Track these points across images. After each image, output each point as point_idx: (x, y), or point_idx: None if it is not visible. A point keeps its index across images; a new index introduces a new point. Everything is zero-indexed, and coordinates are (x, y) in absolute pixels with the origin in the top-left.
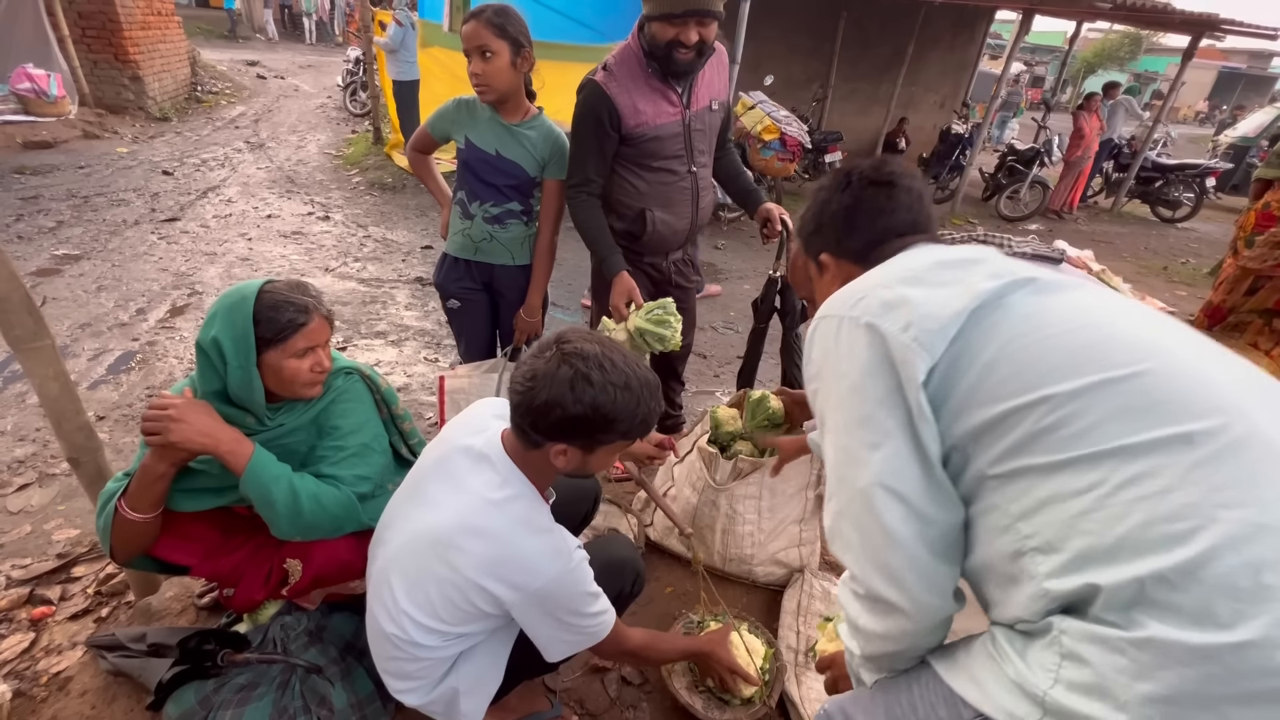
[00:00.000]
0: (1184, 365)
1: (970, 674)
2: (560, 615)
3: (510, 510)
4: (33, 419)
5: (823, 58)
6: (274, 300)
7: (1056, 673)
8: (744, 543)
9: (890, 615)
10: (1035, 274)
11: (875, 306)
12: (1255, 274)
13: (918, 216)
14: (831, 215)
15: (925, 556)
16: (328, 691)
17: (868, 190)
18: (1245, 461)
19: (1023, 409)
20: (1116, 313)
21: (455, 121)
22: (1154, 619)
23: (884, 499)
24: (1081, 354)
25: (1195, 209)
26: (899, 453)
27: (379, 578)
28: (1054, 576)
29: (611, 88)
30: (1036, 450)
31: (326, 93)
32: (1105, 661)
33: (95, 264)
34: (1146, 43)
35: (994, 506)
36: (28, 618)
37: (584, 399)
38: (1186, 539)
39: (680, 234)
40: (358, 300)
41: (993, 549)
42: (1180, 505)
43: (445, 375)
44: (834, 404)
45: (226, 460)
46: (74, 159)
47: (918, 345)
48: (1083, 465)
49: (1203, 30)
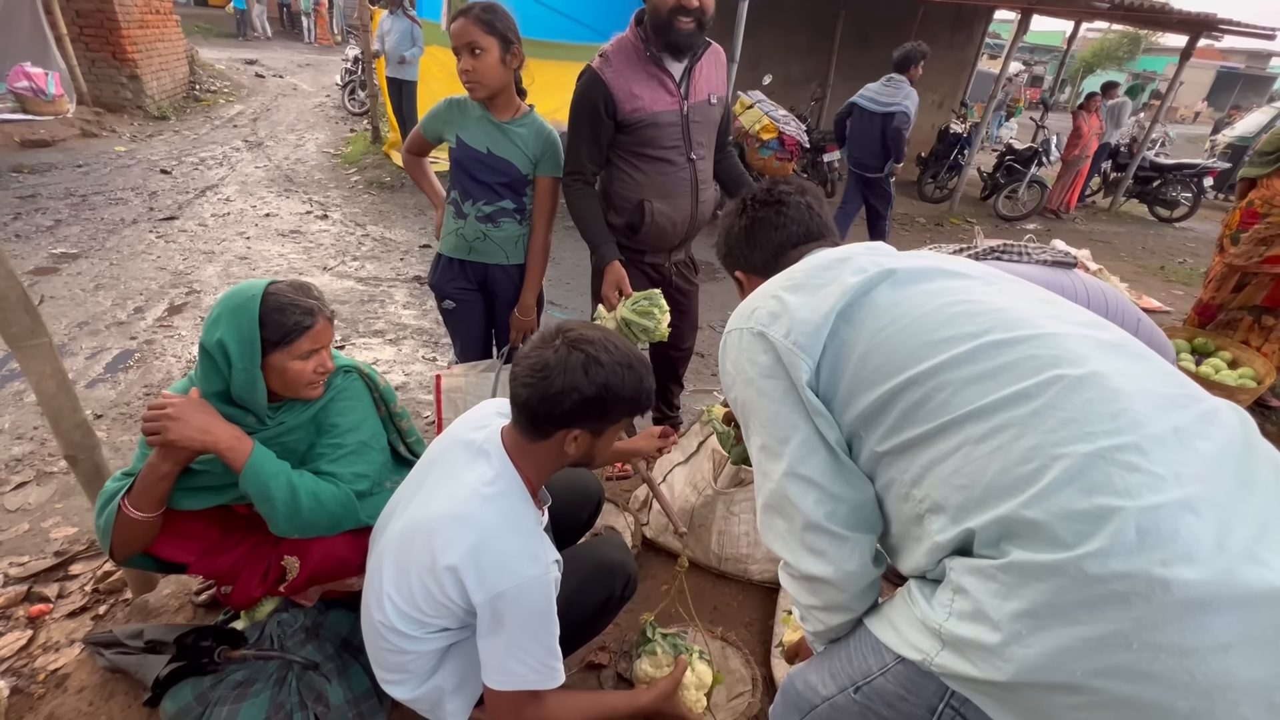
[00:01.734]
0: (1026, 327)
1: (889, 621)
2: (516, 633)
3: (497, 505)
4: (30, 417)
5: (821, 57)
6: (279, 303)
7: (950, 606)
8: (739, 543)
9: (822, 589)
10: (894, 265)
11: (764, 316)
12: (1241, 270)
13: (809, 226)
14: (735, 238)
15: (841, 531)
16: (324, 688)
17: (760, 211)
18: (1078, 403)
19: (894, 391)
20: (970, 290)
21: (446, 121)
22: (1015, 546)
23: (798, 486)
24: (935, 333)
25: (1193, 209)
26: (805, 442)
27: (374, 566)
28: (943, 531)
29: (607, 73)
30: (911, 424)
31: (325, 91)
32: (980, 588)
33: (93, 262)
34: (1145, 42)
35: (892, 481)
36: (25, 615)
37: (597, 380)
38: (1034, 477)
39: (680, 227)
40: (356, 299)
41: (900, 517)
42: (1026, 449)
43: (442, 374)
44: (748, 408)
45: (226, 458)
46: (72, 158)
47: (798, 349)
48: (949, 430)
49: (1201, 30)
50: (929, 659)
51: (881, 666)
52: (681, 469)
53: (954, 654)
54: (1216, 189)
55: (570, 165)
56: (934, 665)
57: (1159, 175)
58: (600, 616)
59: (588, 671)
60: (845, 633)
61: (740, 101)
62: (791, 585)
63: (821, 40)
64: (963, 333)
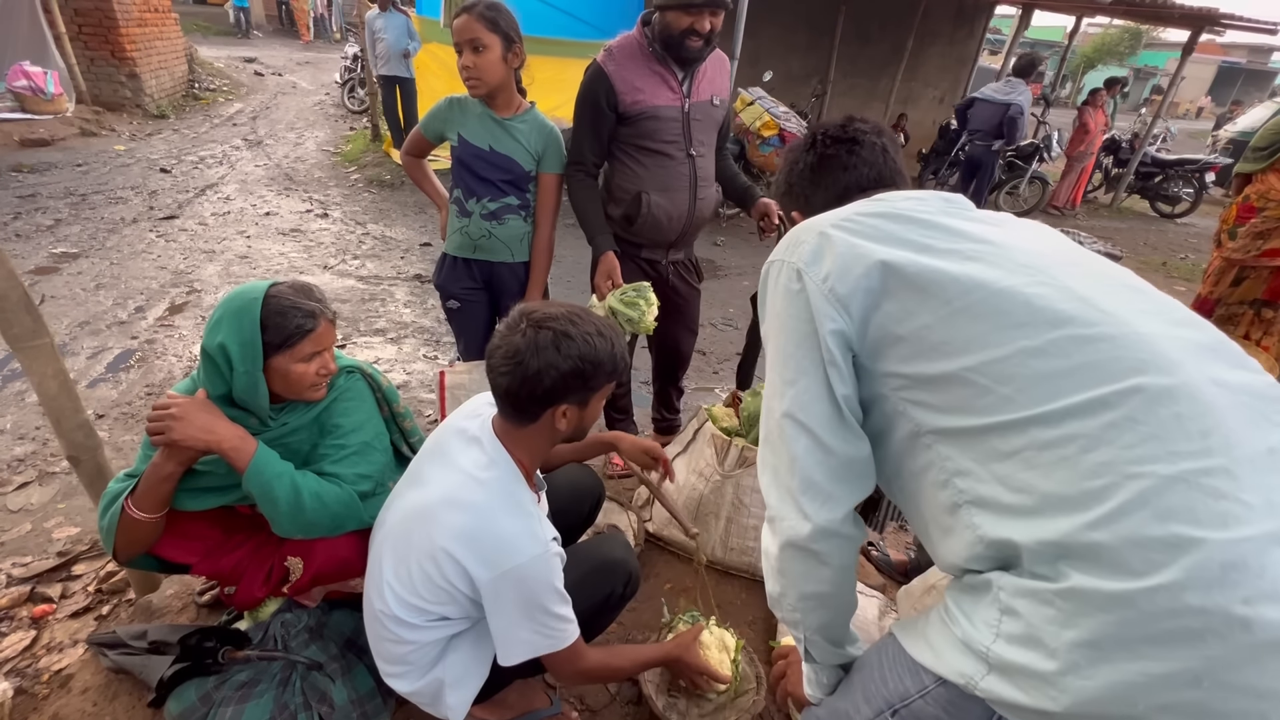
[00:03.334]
0: (1111, 322)
1: (926, 640)
2: (526, 608)
3: (493, 488)
4: (32, 417)
5: (822, 53)
6: (281, 305)
7: (997, 628)
8: (748, 534)
9: (778, 532)
10: (969, 229)
11: (807, 253)
12: (1239, 265)
13: (881, 170)
14: (799, 175)
15: (822, 480)
16: (328, 688)
17: (831, 148)
18: (1164, 417)
19: (953, 373)
20: (1053, 269)
21: (447, 120)
22: (1076, 570)
23: (792, 428)
24: (1007, 317)
25: (1195, 204)
26: (809, 389)
27: (375, 557)
28: (986, 529)
29: (609, 67)
30: (967, 413)
31: (324, 90)
32: (1036, 613)
33: (93, 262)
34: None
35: (930, 464)
36: (29, 616)
37: (571, 353)
38: (1103, 495)
39: (677, 221)
40: (357, 298)
41: (934, 502)
42: (1097, 464)
43: (445, 371)
44: (770, 339)
45: (229, 458)
46: (71, 157)
47: (833, 298)
48: (1011, 429)
49: (1202, 25)
50: (973, 683)
51: (920, 689)
52: (681, 459)
53: (1002, 679)
54: (1219, 184)
55: (573, 156)
56: (979, 690)
57: (1161, 171)
58: (601, 614)
59: None
60: (841, 651)
61: (741, 98)
62: (767, 534)
63: (822, 37)
64: (1039, 320)
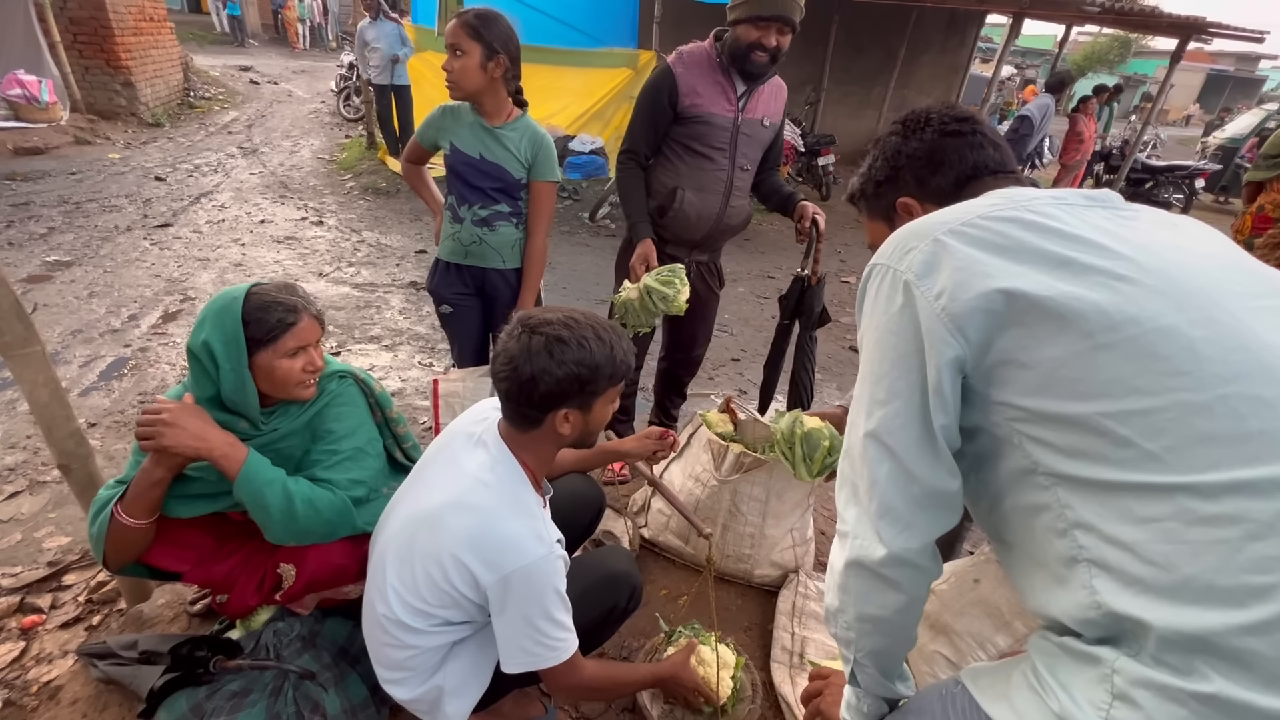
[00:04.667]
0: (1256, 383)
1: (1010, 703)
2: (529, 613)
3: (498, 491)
4: (23, 426)
5: (815, 61)
6: (262, 301)
7: (1107, 713)
8: (743, 542)
9: (846, 548)
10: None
11: (918, 263)
12: None
13: (1005, 155)
14: (910, 157)
15: (902, 508)
16: (321, 697)
17: (951, 124)
18: None
19: (1089, 416)
20: (1227, 302)
21: (441, 128)
22: (1220, 674)
23: (876, 450)
24: (1165, 362)
25: (1185, 210)
26: (900, 413)
27: (377, 562)
28: (1108, 597)
29: (678, 69)
30: (1102, 464)
31: (320, 98)
32: (1162, 711)
33: (87, 270)
34: (1135, 46)
35: (1046, 507)
36: (18, 626)
37: (566, 359)
38: (1265, 595)
39: (705, 221)
40: (352, 305)
41: (1048, 549)
42: (1262, 556)
43: (439, 378)
44: (865, 352)
45: (220, 464)
46: (65, 165)
47: (947, 318)
48: (1155, 493)
49: (1190, 33)
50: None
51: None
52: (676, 464)
53: None
54: (1208, 190)
55: (627, 144)
56: None
57: (1152, 177)
58: (604, 627)
59: None
60: (888, 685)
61: None
62: (837, 549)
63: (815, 46)
64: (1205, 372)
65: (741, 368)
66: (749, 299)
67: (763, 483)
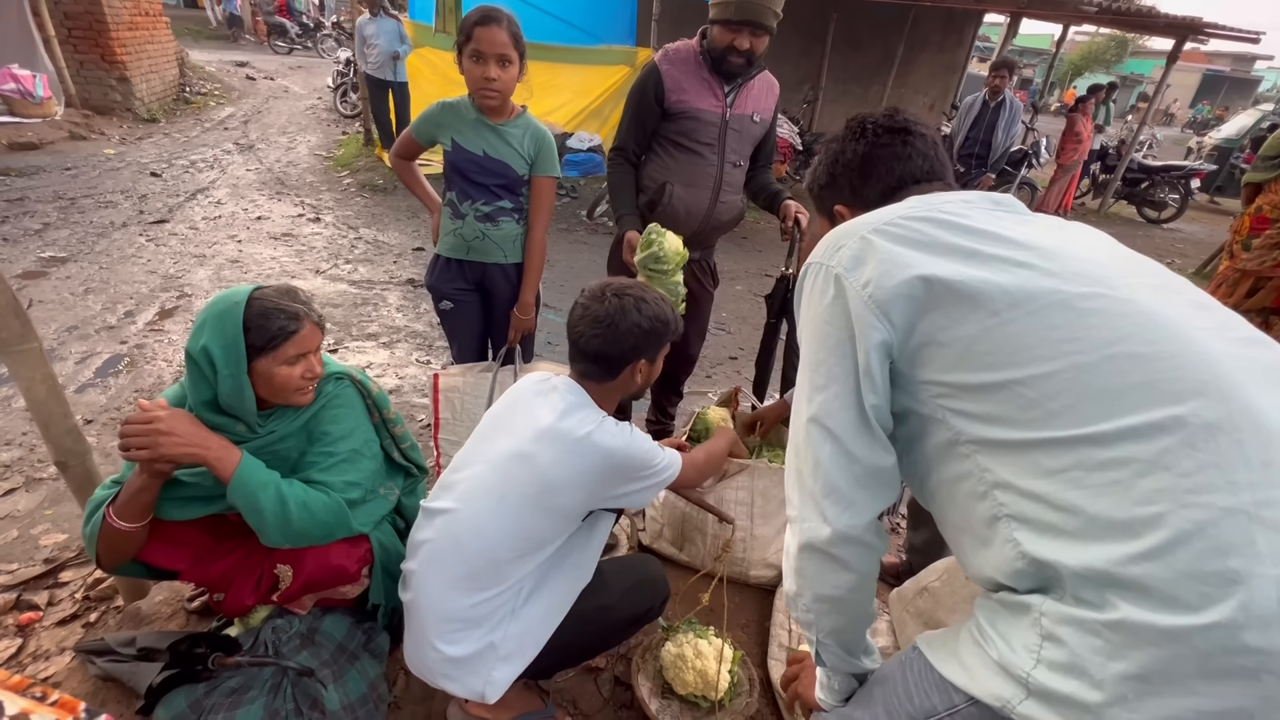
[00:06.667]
0: (1170, 340)
1: (958, 659)
2: (635, 477)
3: (575, 415)
4: (19, 423)
5: (813, 59)
6: (264, 308)
7: (1038, 653)
8: (735, 545)
9: (799, 533)
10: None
11: (847, 258)
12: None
13: (933, 164)
14: (845, 165)
15: (845, 487)
16: (320, 694)
17: (883, 137)
18: (1222, 444)
19: (1000, 384)
20: (1111, 280)
21: (441, 125)
22: (1126, 601)
23: (818, 433)
24: (1060, 330)
25: (1180, 210)
26: (838, 396)
27: (453, 516)
28: (1028, 546)
29: (664, 65)
30: (1013, 425)
31: (316, 94)
32: (1082, 643)
33: (82, 266)
34: (1132, 46)
35: (967, 474)
36: (15, 623)
37: (649, 313)
38: (1155, 524)
39: (694, 217)
40: (349, 302)
41: (971, 513)
42: (1150, 490)
43: (440, 373)
44: (804, 344)
45: (214, 468)
46: (60, 160)
47: (874, 305)
48: (1059, 446)
49: (1187, 33)
50: (1009, 706)
51: (949, 707)
52: None
53: (1041, 705)
54: (1204, 190)
55: (617, 142)
56: (1016, 714)
57: (1147, 177)
58: (631, 625)
59: (585, 675)
60: (854, 661)
61: None
62: (789, 534)
63: (813, 43)
64: (1094, 337)
65: (739, 365)
66: (746, 297)
67: (746, 485)
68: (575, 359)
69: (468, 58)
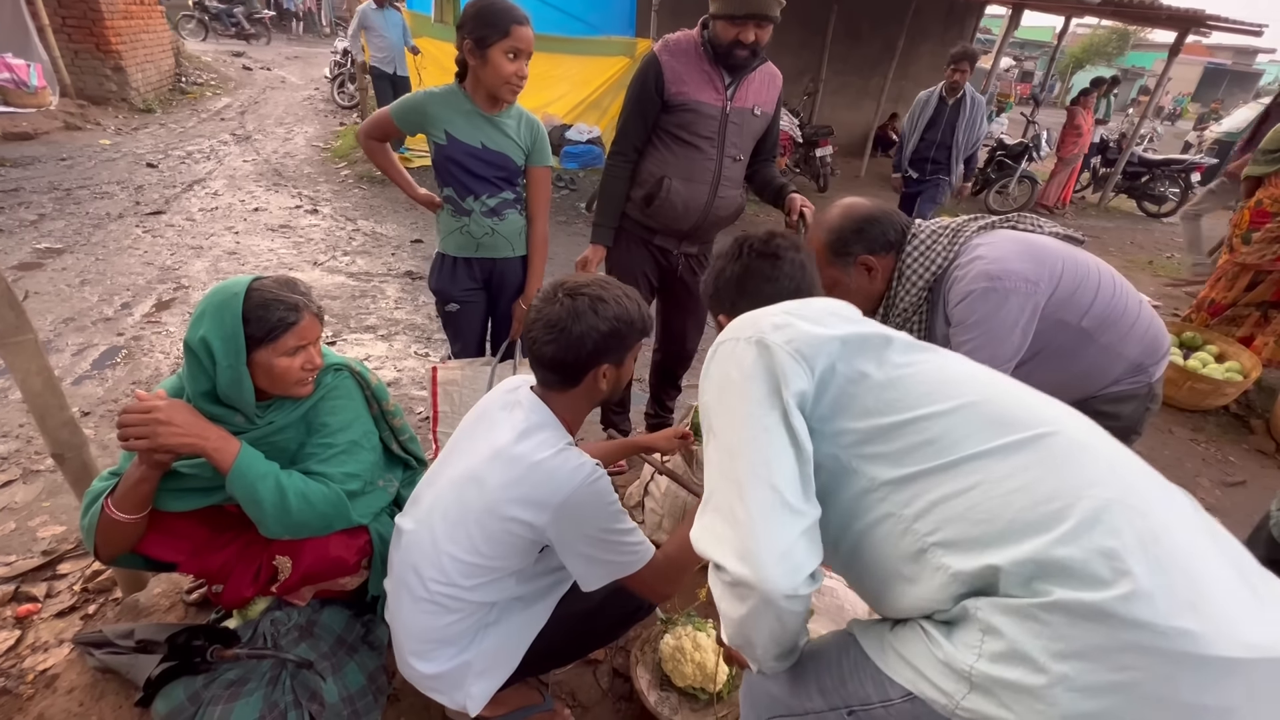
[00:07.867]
0: (1005, 394)
1: (902, 657)
2: (591, 532)
3: (533, 438)
4: (15, 415)
5: (814, 51)
6: (263, 299)
7: (979, 648)
8: None
9: (747, 596)
10: (894, 335)
11: (766, 327)
12: (1255, 269)
13: (799, 284)
14: (725, 281)
15: (781, 536)
16: (319, 686)
17: (755, 261)
18: (1077, 454)
19: (905, 422)
20: (965, 362)
21: (431, 116)
22: (1055, 585)
23: (756, 487)
24: (943, 385)
25: (1180, 204)
26: (773, 444)
27: (413, 536)
28: (958, 564)
29: (664, 56)
30: (920, 458)
31: (314, 85)
32: (1018, 629)
33: (78, 258)
34: (1134, 38)
35: (887, 515)
36: (13, 615)
37: (607, 314)
38: (1062, 515)
39: (693, 212)
40: (347, 294)
41: (895, 553)
42: (1051, 489)
43: (438, 366)
44: (720, 408)
45: (213, 459)
46: (55, 151)
47: (797, 353)
48: (963, 466)
49: (1188, 26)
50: (953, 702)
51: (883, 699)
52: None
53: (984, 697)
54: (1204, 184)
55: (617, 141)
56: (960, 709)
57: (1148, 170)
58: (621, 624)
59: (583, 667)
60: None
61: None
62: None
63: (813, 35)
64: (966, 389)
65: None
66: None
67: None
68: (533, 367)
69: (502, 53)
